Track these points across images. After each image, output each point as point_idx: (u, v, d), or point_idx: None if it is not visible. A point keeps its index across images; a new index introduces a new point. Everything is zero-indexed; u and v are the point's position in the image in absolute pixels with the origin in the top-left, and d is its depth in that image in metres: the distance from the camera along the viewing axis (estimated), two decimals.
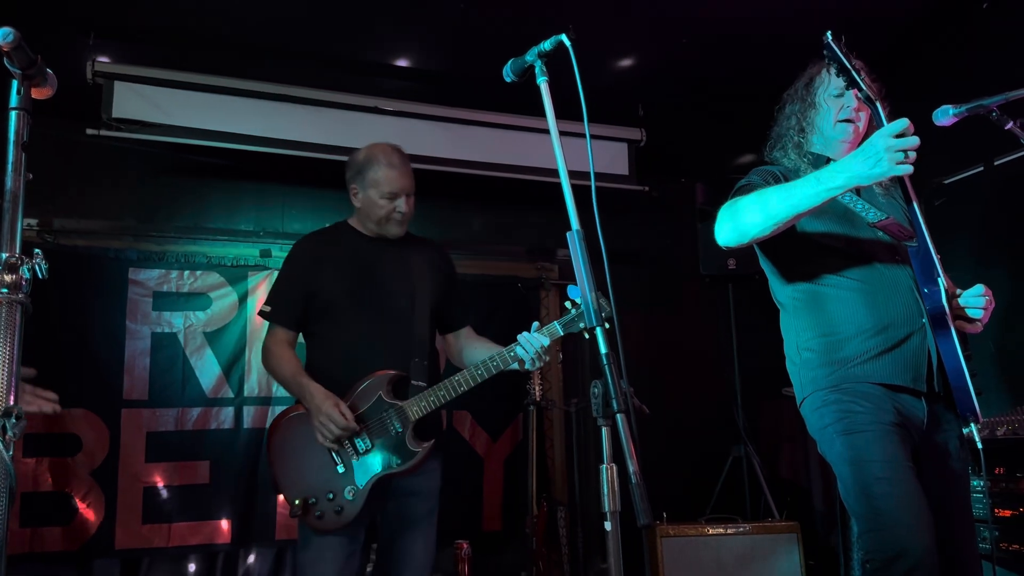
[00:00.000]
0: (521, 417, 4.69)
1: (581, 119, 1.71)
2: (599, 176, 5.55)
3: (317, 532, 2.51)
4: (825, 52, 2.09)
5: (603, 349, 1.44)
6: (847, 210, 2.22)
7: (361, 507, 2.50)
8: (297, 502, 2.47)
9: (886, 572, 2.00)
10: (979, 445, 2.05)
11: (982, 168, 3.80)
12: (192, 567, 4.12)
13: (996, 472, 2.89)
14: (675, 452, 4.91)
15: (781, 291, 2.37)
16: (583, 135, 5.20)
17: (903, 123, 1.87)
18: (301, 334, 2.74)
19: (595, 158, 5.55)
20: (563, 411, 4.78)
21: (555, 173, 4.89)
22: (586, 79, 1.74)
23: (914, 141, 1.86)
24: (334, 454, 2.52)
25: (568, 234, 1.55)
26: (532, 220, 5.04)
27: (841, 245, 2.21)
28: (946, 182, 3.94)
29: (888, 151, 1.86)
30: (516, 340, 2.53)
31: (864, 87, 2.06)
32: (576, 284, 1.46)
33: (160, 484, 4.07)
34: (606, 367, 1.42)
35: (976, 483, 2.92)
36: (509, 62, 1.81)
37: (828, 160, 2.32)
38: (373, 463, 2.53)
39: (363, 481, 2.51)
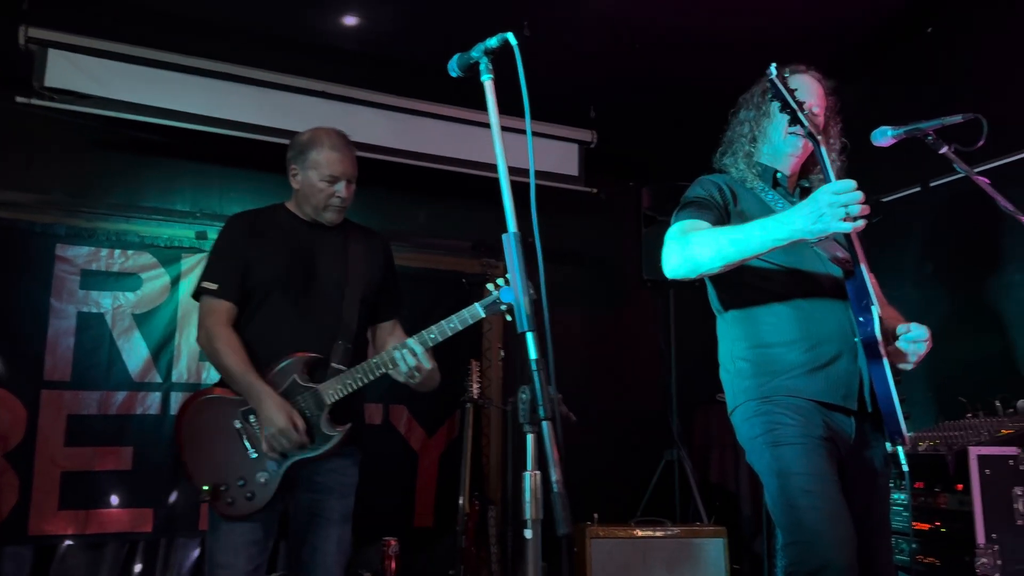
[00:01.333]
0: (458, 414, 4.66)
1: (535, 118, 1.68)
2: (548, 176, 5.56)
3: (227, 519, 2.45)
4: (768, 87, 2.10)
5: (532, 355, 1.41)
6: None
7: (273, 493, 2.45)
8: (206, 488, 2.41)
9: None
10: (905, 468, 2.09)
11: (919, 188, 3.90)
12: (111, 556, 3.98)
13: (916, 486, 2.96)
14: (610, 453, 4.94)
15: (719, 301, 2.40)
16: (535, 133, 5.16)
17: (848, 184, 1.88)
18: None
19: (545, 158, 5.56)
20: (501, 410, 4.76)
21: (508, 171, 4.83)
22: (540, 77, 1.71)
23: (857, 197, 1.87)
24: (246, 439, 2.47)
25: (504, 236, 1.53)
26: (479, 215, 4.98)
27: (783, 270, 2.23)
28: (884, 200, 4.03)
29: (831, 207, 1.88)
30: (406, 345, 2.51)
31: (807, 124, 2.07)
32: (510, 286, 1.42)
33: (80, 469, 3.92)
34: (534, 373, 1.39)
35: (898, 496, 3.00)
36: (455, 56, 1.77)
37: (776, 173, 2.36)
38: None
39: (275, 467, 2.46)
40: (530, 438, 1.41)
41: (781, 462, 2.13)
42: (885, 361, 2.08)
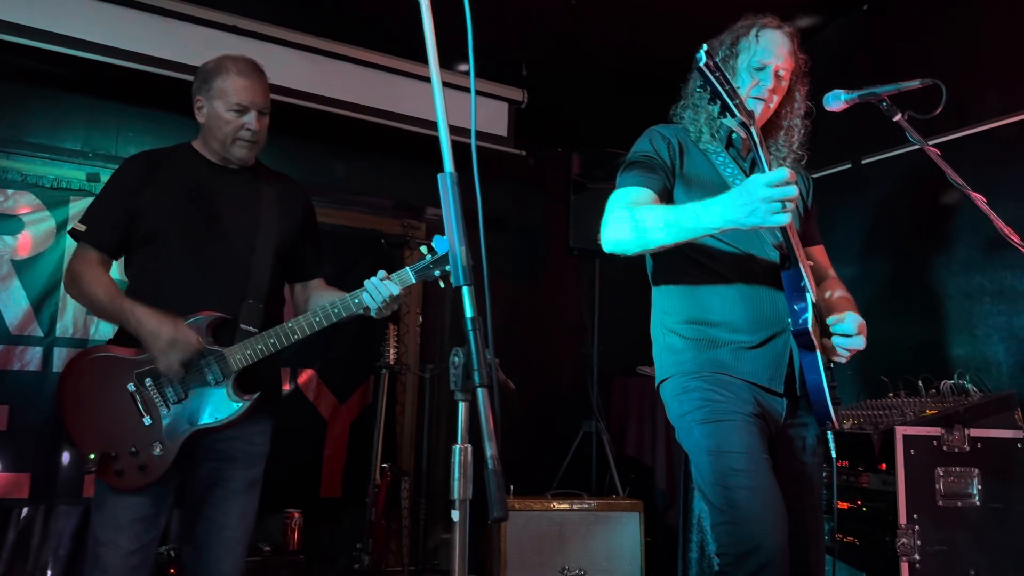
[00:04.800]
0: (372, 380, 4.44)
1: (459, 70, 1.47)
2: (475, 134, 5.32)
3: (115, 490, 2.20)
4: (698, 76, 1.93)
5: (468, 312, 1.23)
6: None
7: (169, 465, 2.22)
8: (93, 456, 2.17)
9: (737, 567, 1.95)
10: (833, 454, 2.14)
11: (850, 165, 3.87)
12: None
13: (840, 465, 2.92)
14: (529, 425, 4.82)
15: (658, 273, 2.31)
16: (461, 87, 4.90)
17: (783, 173, 1.78)
18: (121, 265, 2.41)
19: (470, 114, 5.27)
20: (418, 377, 4.56)
21: (431, 125, 4.58)
22: (470, 27, 1.51)
23: (792, 192, 1.78)
24: (140, 404, 2.23)
25: (440, 176, 1.33)
26: (401, 173, 4.74)
27: (727, 249, 2.17)
28: (815, 176, 3.99)
29: (764, 202, 1.80)
30: (363, 286, 2.30)
31: (738, 115, 1.92)
32: (444, 235, 1.23)
33: None
34: (470, 333, 1.21)
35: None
36: None
37: (731, 133, 2.24)
38: (186, 416, 2.25)
39: (172, 436, 2.23)
40: (461, 407, 1.23)
41: (712, 439, 2.07)
42: (818, 354, 2.06)
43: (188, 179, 2.39)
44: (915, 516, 2.66)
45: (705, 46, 1.88)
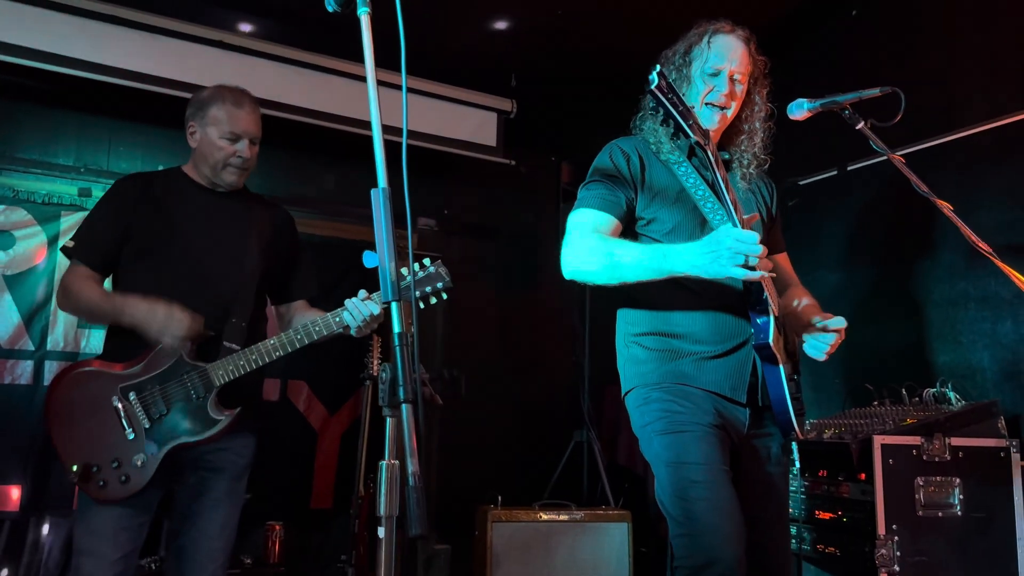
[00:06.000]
0: (363, 391, 4.45)
1: (453, 83, 1.49)
2: (465, 145, 5.32)
3: (98, 502, 2.26)
4: (650, 98, 1.92)
5: (396, 328, 1.23)
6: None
7: (150, 477, 2.27)
8: (76, 468, 2.22)
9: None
10: (796, 464, 2.10)
11: (836, 172, 3.84)
12: None
13: (820, 474, 2.90)
14: (519, 433, 4.81)
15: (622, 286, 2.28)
16: (452, 99, 4.90)
17: (752, 236, 1.83)
18: (112, 284, 2.47)
19: (462, 126, 5.32)
20: None
21: (420, 136, 4.58)
22: (460, 41, 1.53)
23: (757, 251, 1.83)
24: (123, 418, 2.28)
25: (372, 191, 1.35)
26: (391, 184, 4.76)
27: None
28: (801, 183, 3.98)
29: (729, 251, 1.84)
30: (344, 305, 2.36)
31: (693, 135, 1.91)
32: (375, 250, 1.23)
33: None
34: (397, 349, 1.21)
35: (794, 485, 2.95)
36: None
37: (692, 147, 2.21)
38: (168, 430, 2.30)
39: (155, 450, 2.28)
40: (389, 423, 1.23)
41: (670, 451, 2.07)
42: (780, 366, 2.07)
43: (178, 201, 2.47)
44: (894, 527, 2.64)
45: (658, 66, 1.89)
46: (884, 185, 3.62)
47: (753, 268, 1.85)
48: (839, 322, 2.13)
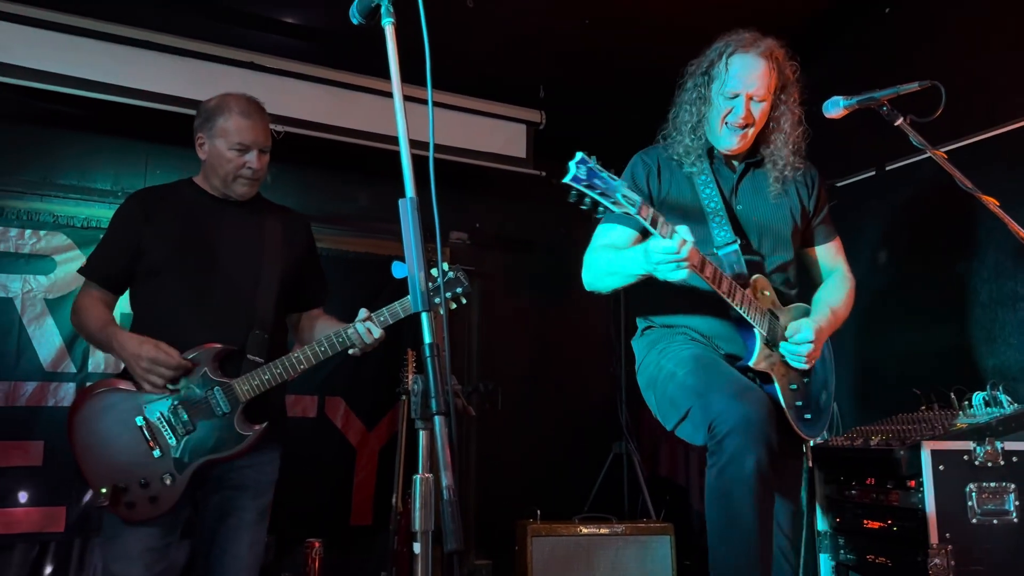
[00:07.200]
0: (400, 406, 4.45)
1: (480, 95, 1.49)
2: (495, 157, 5.29)
3: (127, 523, 2.24)
4: (572, 192, 1.98)
5: (427, 339, 1.21)
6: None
7: (179, 496, 2.25)
8: (104, 491, 2.21)
9: (713, 443, 2.04)
10: (807, 464, 2.40)
11: (874, 172, 3.76)
12: (19, 558, 3.69)
13: (867, 482, 2.82)
14: (557, 447, 4.76)
15: (636, 298, 2.48)
16: (480, 112, 4.89)
17: (668, 248, 1.94)
18: (129, 300, 2.47)
19: (492, 139, 5.30)
20: None
21: (448, 151, 4.57)
22: (487, 53, 1.54)
23: (677, 258, 1.95)
24: (148, 437, 2.26)
25: (400, 201, 1.33)
26: (423, 199, 4.77)
27: (692, 291, 2.29)
28: (839, 184, 3.90)
29: (659, 264, 1.98)
30: (370, 317, 2.39)
31: (631, 208, 1.93)
32: (404, 260, 1.22)
33: None
34: (428, 360, 1.19)
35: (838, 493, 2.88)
36: (356, 1, 1.56)
37: (713, 150, 2.33)
38: (194, 447, 2.28)
39: (182, 467, 2.27)
40: (422, 436, 1.20)
41: (668, 360, 2.24)
42: (775, 384, 2.20)
43: (190, 213, 2.45)
44: (947, 535, 2.54)
45: (579, 154, 1.94)
46: (924, 184, 3.52)
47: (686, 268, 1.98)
48: (803, 338, 2.21)
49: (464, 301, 2.38)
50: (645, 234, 2.18)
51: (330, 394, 4.35)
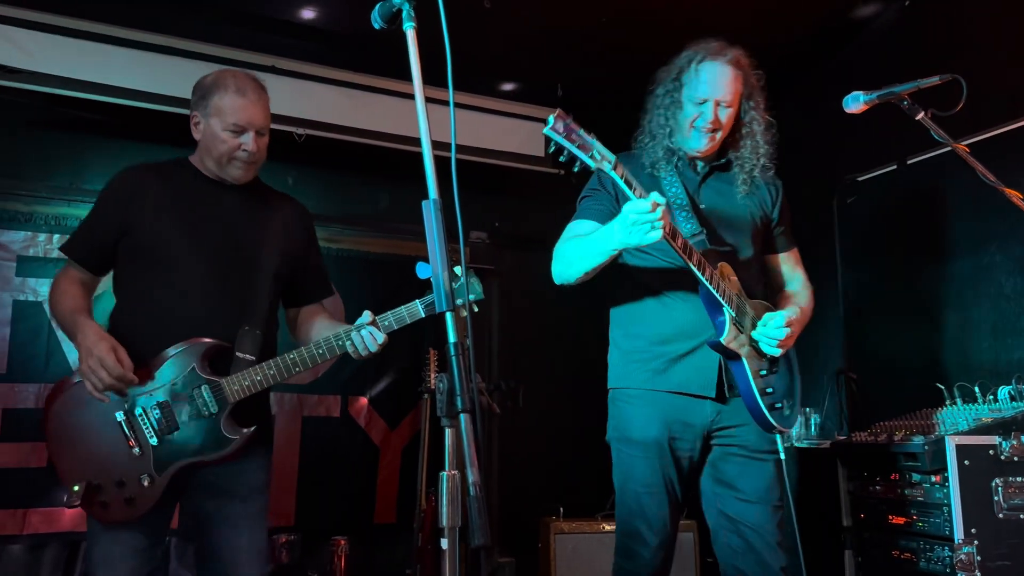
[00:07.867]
0: (422, 404, 4.48)
1: (499, 96, 1.51)
2: (514, 157, 5.31)
3: (104, 524, 2.11)
4: (551, 143, 2.05)
5: (451, 338, 1.24)
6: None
7: (158, 498, 2.11)
8: (77, 488, 2.05)
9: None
10: (781, 456, 2.26)
11: (895, 167, 3.74)
12: (51, 557, 3.76)
13: (892, 478, 2.81)
14: (579, 444, 4.76)
15: (610, 293, 2.51)
16: (499, 112, 4.89)
17: (643, 206, 1.98)
18: (112, 286, 2.33)
19: (510, 138, 5.31)
20: None
21: (469, 151, 4.60)
22: (504, 53, 1.55)
23: (654, 216, 1.98)
24: (127, 432, 2.11)
25: (424, 203, 1.35)
26: (444, 200, 4.79)
27: (659, 266, 2.34)
28: (860, 179, 3.88)
29: (635, 225, 2.01)
30: (375, 320, 2.24)
31: (603, 167, 2.01)
32: (428, 261, 1.24)
33: (16, 466, 3.69)
34: (452, 359, 1.21)
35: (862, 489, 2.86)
36: (377, 6, 1.58)
37: (679, 152, 2.41)
38: (176, 448, 2.13)
39: (162, 468, 2.11)
40: (448, 433, 1.23)
41: (621, 463, 2.39)
42: (744, 361, 2.20)
43: (182, 194, 2.28)
44: (973, 530, 2.53)
45: (557, 110, 2.05)
46: (946, 178, 3.50)
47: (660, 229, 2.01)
48: (780, 323, 2.23)
49: (476, 309, 2.19)
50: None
51: (353, 394, 4.39)
